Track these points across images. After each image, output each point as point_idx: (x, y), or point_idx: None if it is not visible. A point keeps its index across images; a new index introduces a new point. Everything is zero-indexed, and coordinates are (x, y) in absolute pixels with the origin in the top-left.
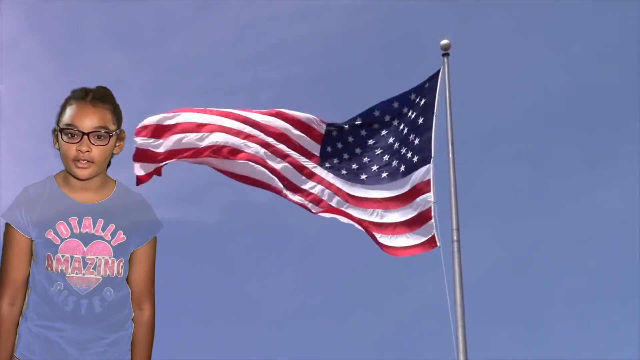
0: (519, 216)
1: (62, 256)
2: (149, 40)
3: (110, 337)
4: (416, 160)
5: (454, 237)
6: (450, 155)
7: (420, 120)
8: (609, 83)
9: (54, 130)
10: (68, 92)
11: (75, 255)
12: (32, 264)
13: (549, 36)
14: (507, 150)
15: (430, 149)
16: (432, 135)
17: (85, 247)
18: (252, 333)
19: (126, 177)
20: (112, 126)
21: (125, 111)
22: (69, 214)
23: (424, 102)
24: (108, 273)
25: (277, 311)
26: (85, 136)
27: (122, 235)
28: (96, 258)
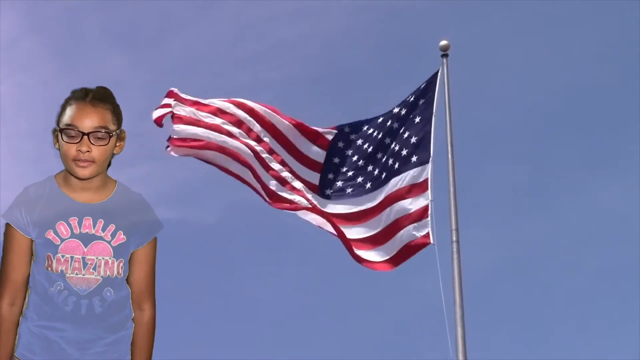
0: (518, 216)
1: (62, 256)
2: (149, 40)
3: (110, 337)
4: (414, 160)
5: (453, 238)
6: (450, 156)
7: (417, 120)
8: (609, 83)
9: (54, 130)
10: (68, 92)
11: (75, 256)
12: (32, 264)
13: (549, 36)
14: (507, 150)
15: (429, 148)
16: (431, 135)
17: (85, 248)
18: (252, 333)
19: (127, 177)
20: (112, 126)
21: (125, 111)
22: (69, 214)
23: (421, 103)
24: (108, 273)
25: (277, 311)
26: (85, 136)
27: (122, 236)
28: (96, 258)
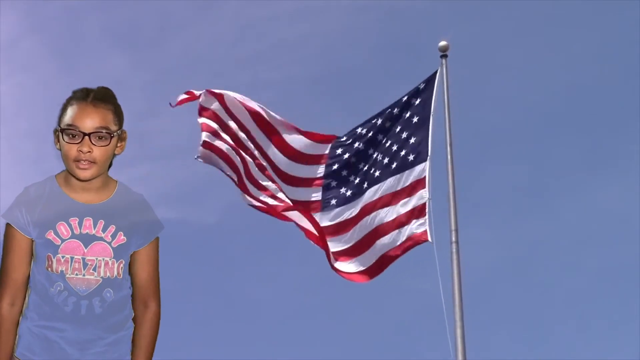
0: (518, 216)
1: (62, 257)
2: (149, 40)
3: (110, 337)
4: (412, 159)
5: (453, 238)
6: (449, 156)
7: (415, 120)
8: (609, 83)
9: (55, 131)
10: (68, 92)
11: (76, 256)
12: (33, 264)
13: (549, 36)
14: (507, 150)
15: (427, 147)
16: (430, 134)
17: (86, 248)
18: (252, 333)
19: (127, 177)
20: (114, 127)
21: (126, 111)
22: (69, 214)
23: (419, 102)
24: (108, 274)
25: (277, 311)
26: (86, 137)
27: (123, 237)
28: (96, 259)
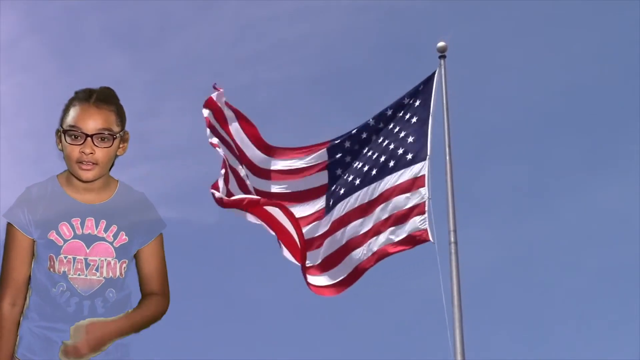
0: (518, 216)
1: (65, 257)
2: (149, 40)
3: None
4: (410, 158)
5: (452, 239)
6: (448, 157)
7: (414, 120)
8: (609, 83)
9: (57, 131)
10: (68, 92)
11: (78, 257)
12: (34, 264)
13: (549, 36)
14: (507, 150)
15: (426, 147)
16: (429, 134)
17: (88, 249)
18: (252, 333)
19: (127, 178)
20: (116, 128)
21: (126, 111)
22: (71, 214)
23: (418, 103)
24: (110, 274)
25: (277, 311)
26: (88, 138)
27: (125, 237)
28: (98, 259)
